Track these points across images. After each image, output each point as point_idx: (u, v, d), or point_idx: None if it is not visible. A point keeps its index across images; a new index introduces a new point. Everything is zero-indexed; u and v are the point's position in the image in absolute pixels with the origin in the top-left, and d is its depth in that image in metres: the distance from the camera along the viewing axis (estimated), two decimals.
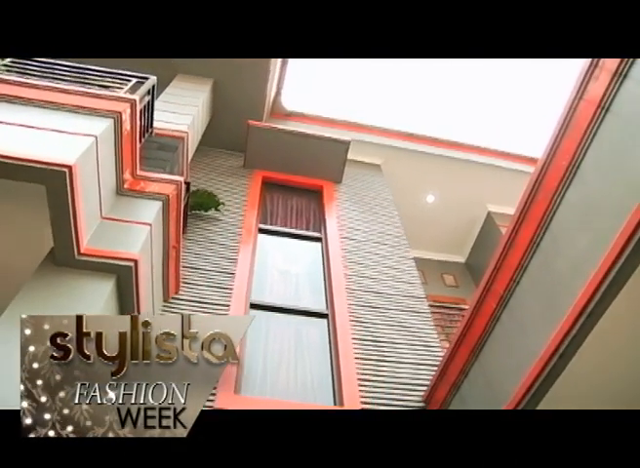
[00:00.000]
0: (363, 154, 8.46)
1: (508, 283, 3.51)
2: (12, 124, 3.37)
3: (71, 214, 3.22)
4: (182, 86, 6.81)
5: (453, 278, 9.29)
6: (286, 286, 5.69)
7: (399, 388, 4.42)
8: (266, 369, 4.54)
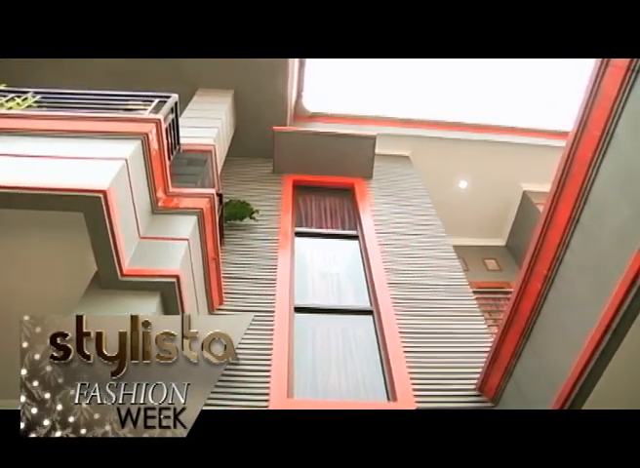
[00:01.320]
0: (390, 147, 8.39)
1: (551, 262, 3.44)
2: (44, 156, 3.48)
3: (111, 238, 3.30)
4: (204, 100, 6.89)
5: (495, 262, 9.14)
6: (328, 286, 5.70)
7: (451, 378, 4.37)
8: (317, 370, 4.56)
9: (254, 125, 7.50)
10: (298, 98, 8.32)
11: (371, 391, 4.38)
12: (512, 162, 8.63)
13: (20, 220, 3.41)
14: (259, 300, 5.15)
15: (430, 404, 4.11)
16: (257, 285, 5.36)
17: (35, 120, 3.86)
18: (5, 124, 3.81)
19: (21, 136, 3.73)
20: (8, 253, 3.70)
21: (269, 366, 4.38)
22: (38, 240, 3.61)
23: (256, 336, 4.66)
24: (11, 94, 4.39)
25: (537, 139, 8.52)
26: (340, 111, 8.59)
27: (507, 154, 8.58)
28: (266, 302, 5.12)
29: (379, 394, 4.32)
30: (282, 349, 4.56)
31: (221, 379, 4.14)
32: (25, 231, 3.53)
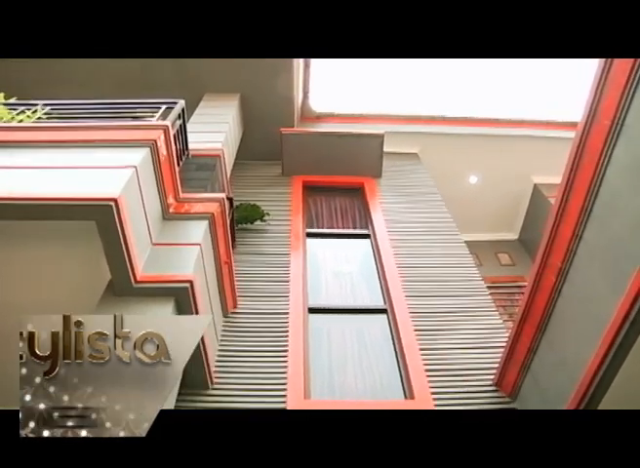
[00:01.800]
0: (399, 145, 8.37)
1: (565, 254, 3.42)
2: (55, 167, 3.52)
3: (123, 245, 3.32)
4: (211, 105, 6.92)
5: (508, 256, 9.09)
6: (341, 286, 5.70)
7: (468, 374, 4.35)
8: (333, 371, 4.56)
9: (261, 127, 7.52)
10: (304, 100, 8.33)
11: (388, 389, 4.37)
12: (522, 155, 8.57)
13: (32, 231, 3.44)
14: (272, 302, 5.16)
15: (447, 400, 4.10)
16: (270, 287, 5.37)
17: (45, 131, 3.90)
18: (16, 136, 3.86)
19: (32, 147, 3.77)
20: (21, 264, 3.73)
21: (285, 367, 4.38)
22: (51, 250, 3.64)
23: (271, 339, 4.68)
24: (21, 106, 4.44)
25: (546, 132, 8.46)
26: (346, 111, 8.59)
27: (517, 147, 8.53)
28: (280, 304, 5.13)
29: (395, 392, 4.32)
30: (297, 350, 4.57)
31: (238, 382, 4.20)
32: (38, 242, 3.57)
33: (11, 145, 3.78)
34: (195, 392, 4.09)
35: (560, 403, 3.40)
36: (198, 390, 4.11)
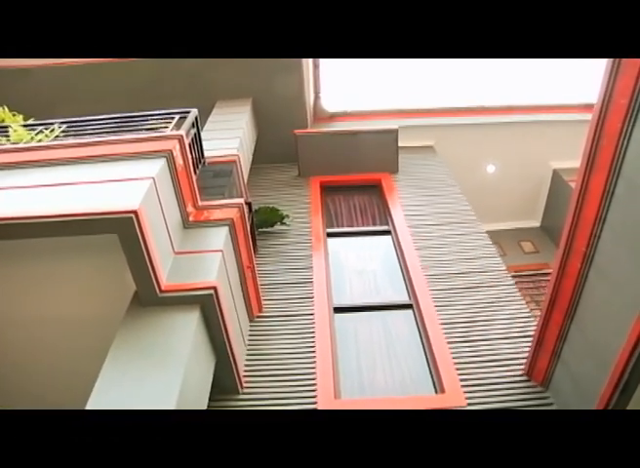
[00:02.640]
0: (413, 139, 8.33)
1: (589, 238, 3.36)
2: (74, 183, 3.58)
3: (146, 256, 3.36)
4: (224, 111, 6.96)
5: (531, 244, 8.98)
6: (365, 284, 5.69)
7: (498, 365, 4.32)
8: (362, 369, 4.55)
9: (275, 130, 7.55)
10: (316, 100, 8.34)
11: (418, 384, 4.35)
12: (539, 141, 8.47)
13: (57, 247, 3.51)
14: (297, 304, 5.17)
15: (478, 393, 4.07)
16: (294, 289, 5.39)
17: (62, 149, 3.97)
18: (36, 156, 3.93)
19: (51, 165, 3.84)
20: (48, 280, 3.80)
21: (314, 368, 4.39)
22: (77, 265, 3.71)
23: (298, 340, 4.70)
24: (39, 127, 4.53)
25: (561, 116, 8.35)
26: (359, 108, 8.58)
27: (533, 134, 8.43)
28: (305, 306, 5.14)
29: (425, 387, 4.29)
30: (325, 351, 4.57)
31: (268, 385, 4.22)
32: (64, 258, 3.63)
33: (32, 165, 3.86)
34: (226, 397, 4.12)
35: (593, 389, 3.36)
36: (229, 395, 4.14)
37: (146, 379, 3.07)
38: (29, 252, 3.56)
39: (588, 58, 2.67)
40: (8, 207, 3.37)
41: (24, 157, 3.92)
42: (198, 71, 6.99)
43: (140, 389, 3.00)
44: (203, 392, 3.55)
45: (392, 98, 8.70)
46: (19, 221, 3.22)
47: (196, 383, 3.38)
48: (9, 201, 3.47)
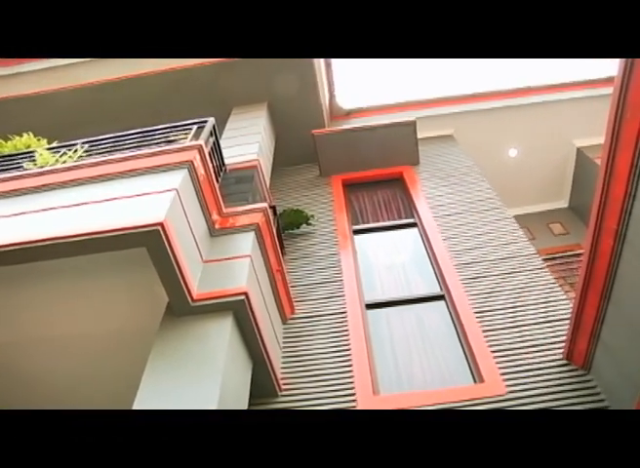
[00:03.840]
0: (432, 129, 8.28)
1: (620, 215, 3.29)
2: (100, 201, 3.65)
3: (176, 267, 3.41)
4: (240, 117, 7.01)
5: (560, 226, 8.84)
6: (395, 278, 5.66)
7: (536, 351, 4.25)
8: (398, 363, 4.53)
9: (293, 132, 7.57)
10: (331, 99, 8.34)
11: (456, 376, 4.31)
12: (560, 120, 8.33)
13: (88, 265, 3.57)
14: (329, 303, 5.18)
15: (518, 380, 4.02)
16: (324, 288, 5.39)
17: (86, 169, 4.05)
18: (62, 177, 4.02)
19: (77, 185, 3.93)
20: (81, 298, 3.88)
21: (350, 366, 4.39)
22: (109, 282, 3.77)
23: (332, 339, 4.70)
24: (62, 148, 4.63)
25: (580, 92, 8.20)
26: (375, 103, 8.55)
27: (553, 113, 8.30)
28: (337, 304, 5.14)
29: (464, 378, 4.26)
30: (360, 348, 4.57)
31: (306, 386, 4.23)
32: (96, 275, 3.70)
33: (58, 186, 3.95)
34: (265, 401, 4.14)
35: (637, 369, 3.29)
36: (268, 399, 4.16)
37: (185, 390, 3.11)
38: (60, 271, 3.63)
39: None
40: (39, 229, 3.45)
41: (51, 179, 4.02)
42: (212, 80, 7.05)
43: (179, 399, 3.04)
44: (242, 398, 3.58)
45: (407, 90, 8.66)
46: (50, 243, 3.29)
47: (235, 389, 3.41)
48: (39, 223, 3.55)
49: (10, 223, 3.63)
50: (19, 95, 7.38)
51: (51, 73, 7.34)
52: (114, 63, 7.15)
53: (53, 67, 7.32)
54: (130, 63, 7.10)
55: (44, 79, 7.35)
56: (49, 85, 7.34)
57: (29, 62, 7.40)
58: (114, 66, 7.15)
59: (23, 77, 7.42)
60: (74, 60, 7.25)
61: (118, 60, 7.13)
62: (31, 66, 7.38)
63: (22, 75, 7.42)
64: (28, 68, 7.39)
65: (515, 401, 3.85)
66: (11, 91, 7.41)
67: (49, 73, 7.34)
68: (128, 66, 7.12)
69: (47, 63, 7.33)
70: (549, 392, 3.87)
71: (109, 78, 7.20)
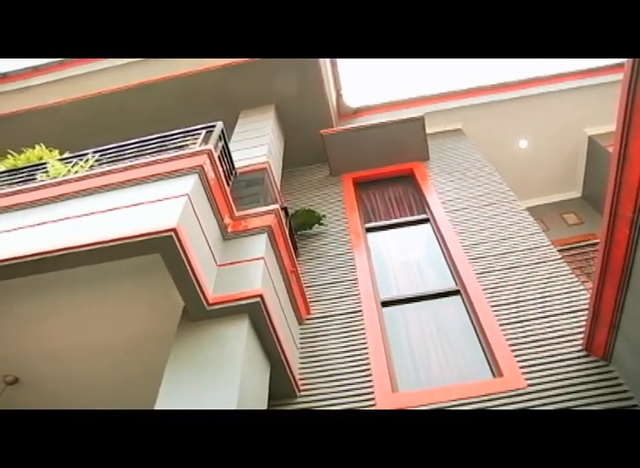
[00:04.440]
0: (441, 124, 8.25)
1: (635, 202, 3.25)
2: (114, 209, 3.67)
3: (190, 272, 3.42)
4: (248, 120, 7.03)
5: (574, 215, 8.75)
6: (409, 275, 5.65)
7: (555, 343, 4.21)
8: (416, 360, 4.52)
9: (302, 133, 7.58)
10: (338, 98, 8.34)
11: (474, 371, 4.29)
12: (569, 109, 8.26)
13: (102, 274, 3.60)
14: (344, 303, 5.17)
15: (538, 372, 3.98)
16: (339, 288, 5.39)
17: (98, 178, 4.09)
18: (74, 187, 4.06)
19: (89, 194, 3.97)
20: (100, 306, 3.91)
21: (368, 364, 4.39)
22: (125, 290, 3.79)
23: (349, 338, 4.70)
24: (74, 159, 4.67)
25: (589, 80, 8.11)
26: (382, 100, 8.53)
27: (562, 102, 8.23)
28: (352, 303, 5.14)
29: (483, 372, 4.23)
30: (377, 346, 4.56)
31: (325, 386, 4.23)
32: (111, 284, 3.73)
33: (71, 196, 3.99)
34: (284, 402, 4.15)
35: None
36: (287, 400, 4.17)
37: (204, 393, 3.12)
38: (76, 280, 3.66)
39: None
40: (55, 239, 3.48)
41: (64, 190, 4.06)
42: (218, 84, 7.08)
43: (198, 403, 3.05)
44: (261, 399, 3.59)
45: (414, 86, 8.65)
46: (65, 252, 3.33)
47: (253, 392, 3.42)
48: (55, 234, 3.59)
49: (26, 235, 3.67)
50: (30, 107, 7.47)
51: (61, 85, 7.42)
52: (121, 72, 7.21)
53: (62, 79, 7.40)
54: (137, 72, 7.16)
55: (54, 91, 7.43)
56: (59, 96, 7.42)
57: (39, 76, 7.48)
58: (121, 75, 7.22)
59: (34, 90, 7.50)
60: (82, 71, 7.33)
61: (124, 69, 7.19)
62: (41, 79, 7.46)
63: (33, 88, 7.51)
64: (38, 81, 7.47)
65: (535, 394, 3.82)
66: (23, 104, 7.51)
67: (59, 85, 7.42)
68: (135, 75, 7.18)
69: (56, 75, 7.42)
70: (570, 384, 3.84)
71: (117, 87, 7.26)
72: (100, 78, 7.31)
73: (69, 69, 7.40)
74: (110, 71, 7.26)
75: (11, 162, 5.16)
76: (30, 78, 7.52)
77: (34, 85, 7.49)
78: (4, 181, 4.65)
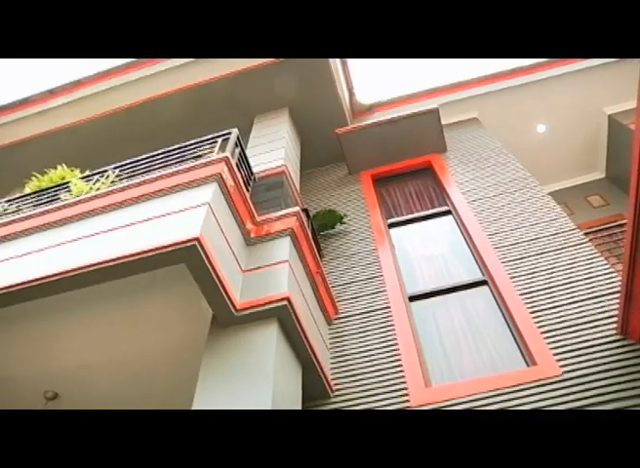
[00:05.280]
0: (456, 114, 8.20)
1: None
2: (136, 223, 3.73)
3: (216, 280, 3.45)
4: (263, 125, 7.07)
5: (599, 197, 8.60)
6: (435, 268, 5.62)
7: (588, 328, 4.14)
8: (447, 353, 4.50)
9: (317, 133, 7.61)
10: (350, 96, 8.33)
11: (507, 361, 4.24)
12: (586, 89, 8.11)
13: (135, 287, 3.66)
14: (372, 300, 5.17)
15: (572, 359, 3.92)
16: (366, 285, 5.39)
17: (119, 193, 4.15)
18: (96, 204, 4.13)
19: (112, 210, 4.03)
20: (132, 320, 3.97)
21: (400, 360, 4.38)
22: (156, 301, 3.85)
23: (379, 335, 4.69)
24: (95, 176, 4.75)
25: (604, 58, 7.95)
26: (395, 95, 8.50)
27: (578, 83, 8.10)
28: (380, 300, 5.13)
29: (516, 362, 4.19)
30: (408, 341, 4.55)
31: (358, 385, 4.23)
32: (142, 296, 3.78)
33: (95, 213, 4.06)
34: (318, 403, 4.16)
35: None
36: (320, 401, 4.18)
37: (238, 399, 3.15)
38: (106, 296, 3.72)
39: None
40: (81, 257, 3.55)
41: (87, 207, 4.13)
42: (231, 92, 7.15)
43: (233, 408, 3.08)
44: (294, 402, 3.60)
45: (426, 78, 8.59)
46: (92, 268, 3.39)
47: (286, 394, 3.43)
48: (81, 251, 3.65)
49: (55, 254, 3.75)
50: (50, 129, 7.63)
51: (77, 105, 7.58)
52: (134, 88, 7.32)
53: (77, 99, 7.56)
54: (149, 86, 7.27)
55: (71, 111, 7.60)
56: (76, 116, 7.58)
57: (56, 98, 7.64)
58: (134, 90, 7.33)
59: (52, 112, 7.68)
60: (96, 90, 7.46)
61: (137, 84, 7.31)
62: (58, 101, 7.64)
63: (51, 111, 7.68)
64: (55, 104, 7.64)
65: (571, 381, 3.75)
66: (43, 127, 7.70)
67: (75, 105, 7.58)
68: (148, 89, 7.28)
69: (72, 96, 7.58)
70: (606, 369, 3.75)
71: (131, 102, 7.37)
72: (113, 95, 7.43)
73: (83, 89, 7.56)
74: (123, 88, 7.39)
75: (35, 184, 5.29)
76: (48, 101, 7.69)
77: (52, 107, 7.66)
78: (30, 203, 4.76)
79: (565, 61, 8.10)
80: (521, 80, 8.15)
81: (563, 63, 8.10)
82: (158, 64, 7.25)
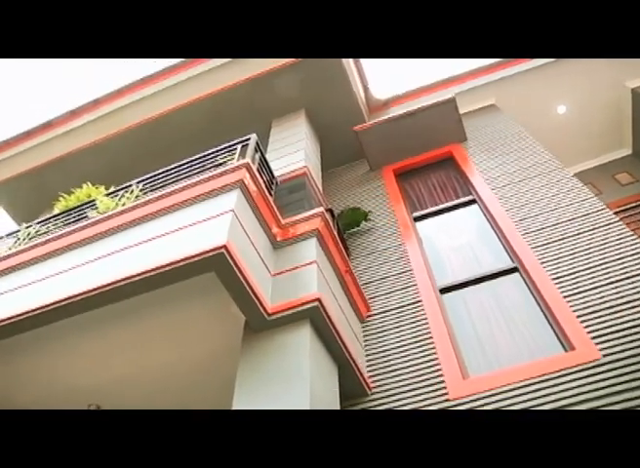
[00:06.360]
0: (473, 102, 8.12)
1: None
2: (164, 234, 3.78)
3: (246, 285, 3.49)
4: (281, 128, 7.10)
5: (627, 174, 8.41)
6: (463, 258, 5.58)
7: (624, 309, 4.04)
8: (483, 343, 4.46)
9: (335, 132, 7.61)
10: (366, 92, 8.32)
11: (544, 347, 4.17)
12: (605, 65, 7.90)
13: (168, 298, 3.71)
14: (403, 295, 5.15)
15: (611, 342, 3.83)
16: (396, 281, 5.37)
17: (145, 207, 4.22)
18: (124, 219, 4.21)
19: (138, 224, 4.10)
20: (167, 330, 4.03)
21: (435, 353, 4.36)
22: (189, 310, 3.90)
23: (413, 330, 4.68)
24: (120, 192, 4.84)
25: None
26: (410, 87, 8.46)
27: (597, 59, 7.91)
28: (411, 294, 5.11)
29: (553, 348, 4.12)
30: (442, 333, 4.52)
31: (395, 381, 4.23)
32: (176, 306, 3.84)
33: (122, 228, 4.13)
34: (356, 402, 4.17)
35: None
36: (358, 399, 4.18)
37: (276, 402, 3.18)
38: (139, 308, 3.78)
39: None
40: (113, 272, 3.62)
41: (114, 223, 4.22)
42: (246, 98, 7.20)
43: None
44: (332, 402, 3.61)
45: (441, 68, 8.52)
46: (124, 283, 3.46)
47: (324, 395, 3.45)
48: (112, 266, 3.73)
49: (86, 271, 3.83)
50: (74, 149, 7.80)
51: (98, 123, 7.74)
52: (152, 102, 7.43)
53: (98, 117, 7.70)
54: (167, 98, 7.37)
55: (93, 130, 7.75)
56: (98, 134, 7.74)
57: (78, 118, 7.80)
58: (152, 104, 7.44)
59: (75, 132, 7.85)
60: (116, 107, 7.60)
61: (154, 98, 7.42)
62: (80, 121, 7.80)
63: (74, 131, 7.84)
64: (77, 123, 7.81)
65: (611, 364, 3.67)
66: (67, 148, 7.88)
67: (96, 123, 7.74)
68: (165, 101, 7.39)
69: (93, 115, 7.74)
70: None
71: (150, 116, 7.48)
72: (132, 110, 7.56)
73: (103, 107, 7.70)
74: (141, 102, 7.51)
75: (63, 204, 5.40)
76: (70, 122, 7.85)
77: (74, 127, 7.82)
78: (59, 222, 4.87)
79: None
80: (537, 62, 8.00)
81: None
82: (173, 77, 7.36)
